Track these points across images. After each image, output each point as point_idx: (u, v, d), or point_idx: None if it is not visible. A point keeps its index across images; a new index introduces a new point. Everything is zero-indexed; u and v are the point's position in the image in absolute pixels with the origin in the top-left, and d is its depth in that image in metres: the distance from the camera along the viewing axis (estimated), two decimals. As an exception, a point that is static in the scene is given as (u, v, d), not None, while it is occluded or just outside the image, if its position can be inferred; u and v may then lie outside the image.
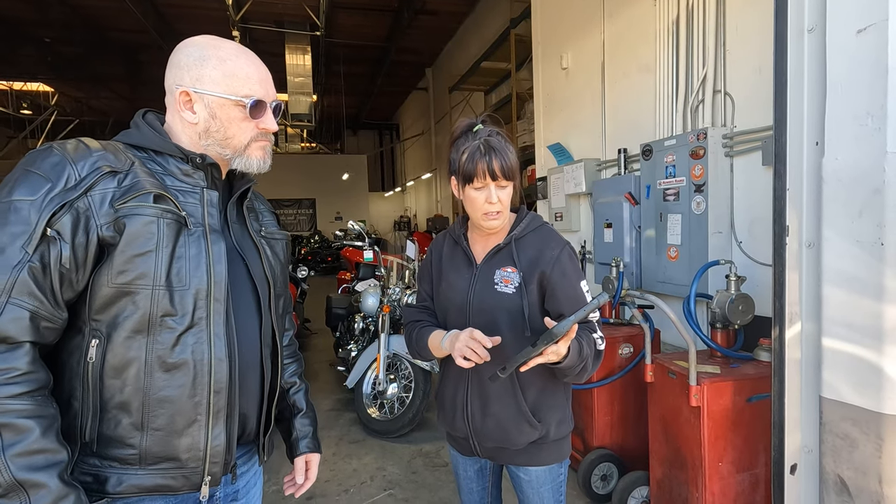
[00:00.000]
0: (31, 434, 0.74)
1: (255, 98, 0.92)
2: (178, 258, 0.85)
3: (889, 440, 1.27)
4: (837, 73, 1.34)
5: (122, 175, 0.83)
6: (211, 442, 0.87)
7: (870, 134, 1.27)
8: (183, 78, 0.91)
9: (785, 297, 1.50)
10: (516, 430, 1.26)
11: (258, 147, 0.96)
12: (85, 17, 9.11)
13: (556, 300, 1.24)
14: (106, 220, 0.80)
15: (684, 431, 1.96)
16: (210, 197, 0.92)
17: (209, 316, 0.86)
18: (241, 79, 0.91)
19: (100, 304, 0.82)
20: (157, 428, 0.84)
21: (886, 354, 1.27)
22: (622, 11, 3.28)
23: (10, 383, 0.74)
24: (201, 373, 0.86)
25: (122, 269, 0.81)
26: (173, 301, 0.83)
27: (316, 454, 1.17)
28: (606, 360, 2.57)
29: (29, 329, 0.76)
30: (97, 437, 0.83)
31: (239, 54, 0.93)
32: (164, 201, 0.85)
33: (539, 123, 4.46)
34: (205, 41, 0.93)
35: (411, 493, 2.64)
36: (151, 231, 0.82)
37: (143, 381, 0.83)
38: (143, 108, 0.99)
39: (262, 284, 1.00)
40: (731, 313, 2.05)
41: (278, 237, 1.10)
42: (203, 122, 0.92)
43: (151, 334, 0.83)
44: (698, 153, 2.54)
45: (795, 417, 1.52)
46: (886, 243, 1.25)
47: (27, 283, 0.76)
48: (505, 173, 1.20)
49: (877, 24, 1.24)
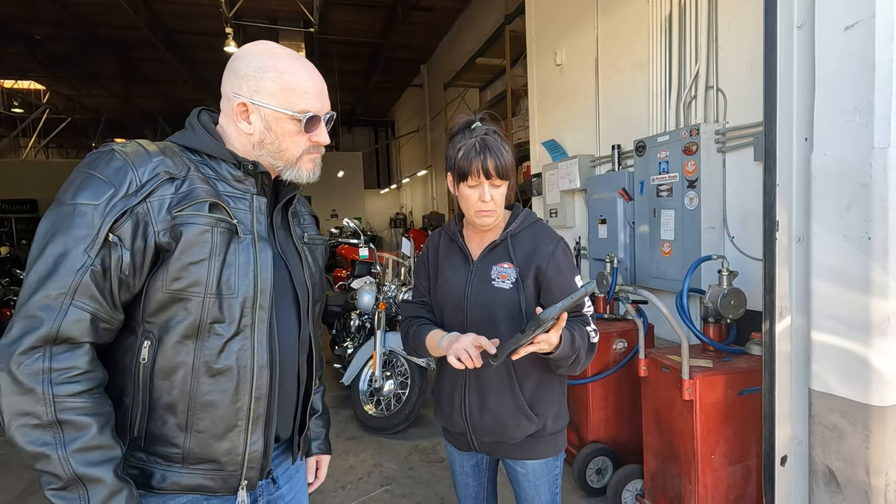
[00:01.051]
0: (90, 430, 0.77)
1: (311, 113, 0.93)
2: (229, 266, 0.87)
3: (876, 431, 1.30)
4: (826, 69, 1.36)
5: (180, 181, 0.85)
6: (249, 447, 0.90)
7: (857, 129, 1.29)
8: (241, 88, 0.91)
9: (775, 292, 1.52)
10: (514, 424, 1.27)
11: (309, 160, 0.98)
12: (76, 13, 9.02)
13: (551, 295, 1.25)
14: (163, 226, 0.82)
15: (677, 425, 1.98)
16: (259, 203, 0.93)
17: (254, 324, 0.88)
18: (299, 93, 0.92)
19: (154, 308, 0.85)
20: (200, 430, 0.87)
21: (873, 347, 1.29)
22: (615, 7, 3.29)
23: (71, 382, 0.77)
24: (244, 379, 0.88)
25: (177, 275, 0.83)
26: (222, 308, 0.86)
27: (327, 455, 1.21)
28: (601, 355, 2.59)
29: (89, 330, 0.79)
30: (145, 434, 0.86)
31: (297, 67, 0.93)
32: (218, 210, 0.87)
33: (534, 120, 4.47)
34: (264, 50, 0.93)
35: (408, 489, 2.66)
36: (206, 240, 0.84)
37: (189, 384, 0.85)
38: (199, 107, 1.00)
39: (302, 291, 1.02)
40: (724, 308, 2.07)
41: (318, 242, 1.12)
42: (258, 133, 0.93)
43: (200, 340, 0.85)
44: (691, 149, 2.56)
45: (786, 410, 1.55)
46: (873, 237, 1.27)
47: (89, 287, 0.78)
48: (499, 172, 1.21)
49: (864, 21, 1.25)
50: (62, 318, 0.76)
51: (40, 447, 0.75)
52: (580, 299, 1.01)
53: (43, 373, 0.76)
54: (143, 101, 14.20)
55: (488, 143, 1.21)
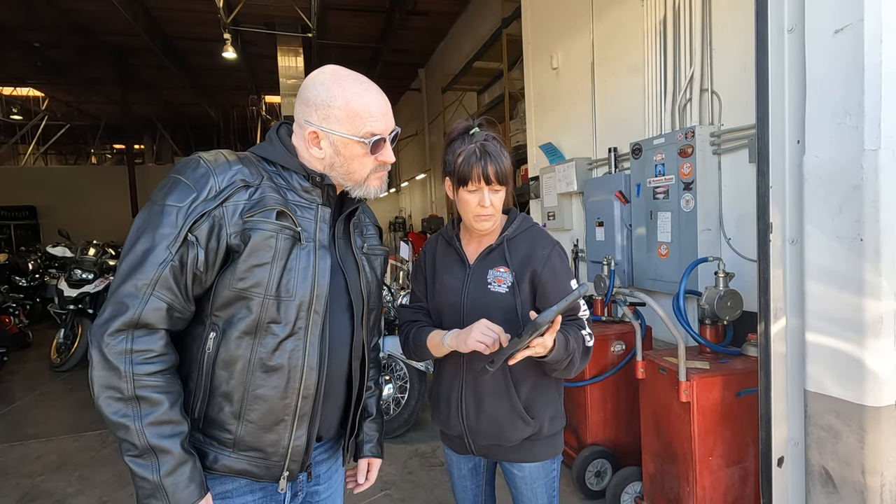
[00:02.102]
0: (162, 406, 0.86)
1: (377, 137, 0.99)
2: (289, 270, 0.92)
3: (871, 431, 1.30)
4: (816, 72, 1.37)
5: (254, 189, 0.92)
6: (293, 441, 0.96)
7: (848, 132, 1.30)
8: (311, 116, 0.98)
9: (770, 293, 1.53)
10: (510, 427, 1.28)
11: (376, 178, 1.04)
12: (75, 20, 9.06)
13: (546, 298, 1.26)
14: (235, 229, 0.90)
15: (675, 426, 1.98)
16: (323, 213, 1.00)
17: (308, 326, 0.94)
18: (364, 118, 0.97)
19: (220, 303, 0.92)
20: (251, 420, 0.93)
21: (867, 347, 1.30)
22: (610, 11, 3.31)
23: (148, 363, 0.86)
24: (294, 378, 0.94)
25: (242, 276, 0.90)
26: (279, 310, 0.92)
27: (378, 459, 1.25)
28: (599, 357, 2.60)
29: (165, 318, 0.87)
30: (203, 417, 0.94)
31: (362, 92, 0.98)
32: (284, 218, 0.93)
33: (531, 123, 4.49)
34: (332, 77, 0.98)
35: (407, 493, 2.66)
36: (270, 245, 0.91)
37: (245, 377, 0.92)
38: (279, 122, 1.07)
39: (357, 299, 1.06)
40: (720, 309, 2.08)
41: (378, 252, 1.16)
42: (329, 157, 1.00)
43: (258, 337, 0.92)
44: (686, 151, 2.57)
45: (782, 411, 1.55)
46: (865, 239, 1.28)
47: (168, 280, 0.86)
48: (499, 178, 1.22)
49: (853, 25, 1.27)
50: (144, 305, 0.85)
51: (121, 418, 0.84)
52: (574, 301, 1.03)
53: (126, 353, 0.84)
54: (142, 107, 14.22)
55: (488, 148, 1.23)
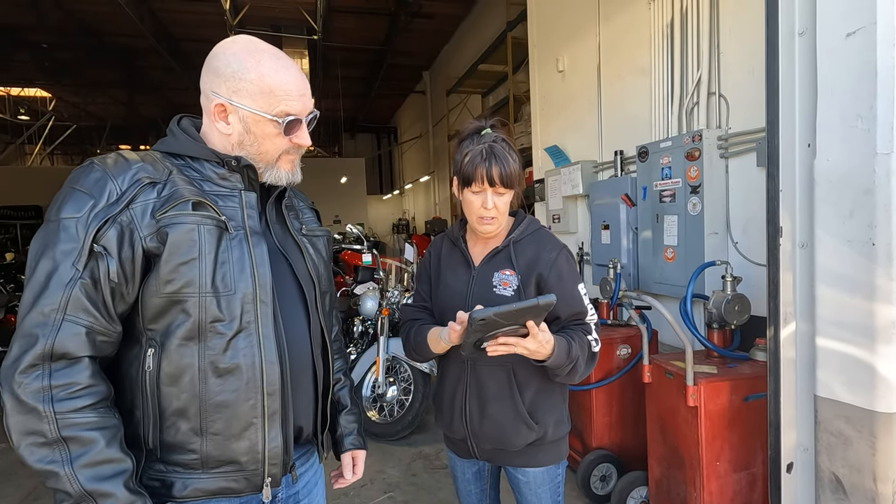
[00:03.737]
0: (96, 445, 0.77)
1: (292, 117, 0.92)
2: (222, 263, 0.86)
3: (882, 438, 1.29)
4: (828, 75, 1.36)
5: (161, 185, 0.85)
6: (268, 444, 0.89)
7: (860, 135, 1.29)
8: (220, 87, 0.90)
9: (779, 298, 1.52)
10: (514, 432, 1.27)
11: (287, 160, 0.97)
12: (82, 22, 9.12)
13: None
14: (149, 231, 0.82)
15: (682, 431, 1.97)
16: (248, 199, 0.93)
17: (257, 319, 0.88)
18: (279, 95, 0.90)
19: (152, 314, 0.84)
20: (216, 432, 0.86)
21: (878, 353, 1.28)
22: (617, 14, 3.31)
23: (73, 397, 0.77)
24: (254, 376, 0.87)
25: (169, 278, 0.83)
26: (220, 306, 0.85)
27: (362, 451, 1.18)
28: (604, 361, 2.59)
29: (86, 344, 0.79)
30: (160, 444, 0.86)
31: (278, 68, 0.91)
32: (203, 208, 0.86)
33: (536, 126, 4.48)
34: (244, 48, 0.91)
35: (411, 496, 2.65)
36: (193, 238, 0.84)
37: (198, 387, 0.85)
38: (179, 115, 0.99)
39: (307, 283, 1.00)
40: (728, 313, 2.07)
41: (319, 234, 1.10)
42: (237, 134, 0.93)
43: (202, 340, 0.84)
44: (693, 155, 2.56)
45: (791, 416, 1.54)
46: (877, 243, 1.27)
47: (80, 300, 0.78)
48: (503, 181, 1.21)
49: (865, 28, 1.26)
50: (56, 333, 0.76)
51: (48, 465, 0.75)
52: (528, 308, 1.00)
53: (43, 391, 0.75)
54: (148, 109, 14.30)
55: (495, 150, 1.21)
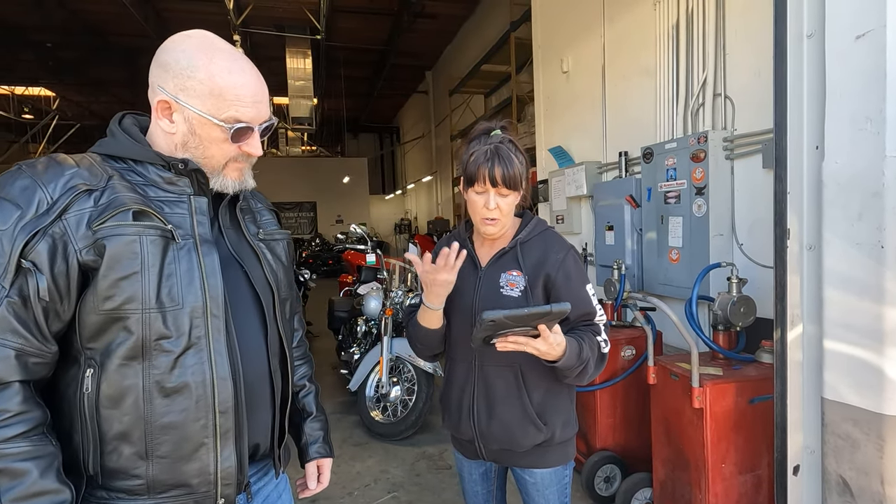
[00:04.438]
0: (30, 476, 0.72)
1: (241, 124, 0.85)
2: (169, 276, 0.80)
3: (890, 441, 1.29)
4: (836, 78, 1.36)
5: (99, 192, 0.78)
6: (221, 464, 0.84)
7: (868, 138, 1.29)
8: (167, 83, 0.83)
9: (786, 300, 1.52)
10: (522, 433, 1.27)
11: (235, 168, 0.90)
12: (86, 21, 9.15)
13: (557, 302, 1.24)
14: (84, 243, 0.76)
15: (687, 433, 1.97)
16: (198, 204, 0.86)
17: (208, 334, 0.82)
18: (229, 100, 0.83)
19: (90, 333, 0.79)
20: (163, 455, 0.81)
21: (887, 356, 1.28)
22: (622, 15, 3.30)
23: (3, 426, 0.72)
24: (204, 394, 0.82)
25: (108, 294, 0.77)
26: (167, 322, 0.79)
27: (327, 459, 1.14)
28: (609, 362, 2.57)
29: (16, 368, 0.73)
30: (101, 470, 0.80)
31: (232, 70, 0.83)
32: (145, 216, 0.79)
33: (540, 126, 4.48)
34: (198, 46, 0.83)
35: (415, 496, 2.65)
36: (134, 251, 0.77)
37: (142, 408, 0.79)
38: (122, 112, 0.92)
39: (264, 291, 0.94)
40: (733, 315, 2.06)
41: (278, 237, 1.04)
42: (181, 135, 0.86)
43: (147, 359, 0.79)
44: (699, 156, 2.56)
45: (797, 418, 1.54)
46: (886, 246, 1.26)
47: (7, 321, 0.73)
48: (506, 182, 1.20)
49: (875, 30, 1.26)
50: None
51: None
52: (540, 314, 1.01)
53: None
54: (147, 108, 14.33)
55: (500, 151, 1.21)
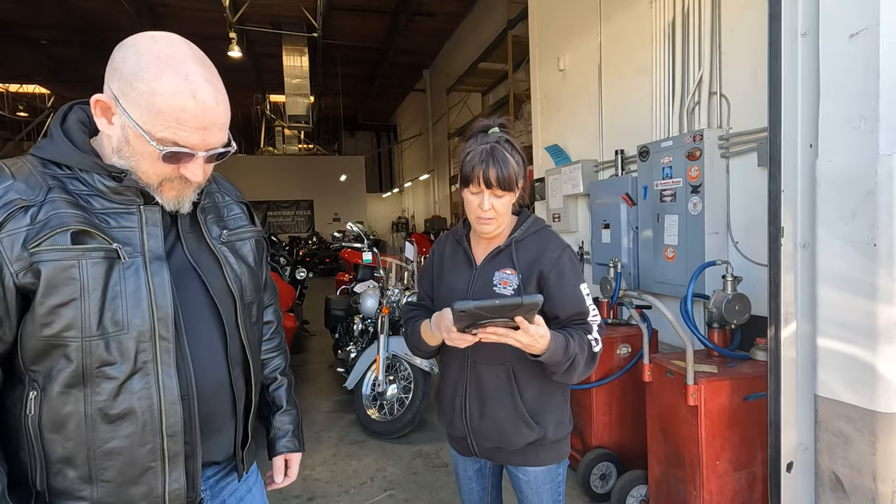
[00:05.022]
0: None
1: (176, 149, 0.76)
2: (113, 298, 0.75)
3: (882, 437, 1.29)
4: (830, 76, 1.36)
5: (36, 208, 0.73)
6: (169, 486, 0.82)
7: (862, 136, 1.29)
8: (112, 82, 0.76)
9: (780, 298, 1.53)
10: (513, 431, 1.27)
11: (172, 189, 0.82)
12: (81, 18, 9.10)
13: (551, 302, 1.23)
14: (20, 266, 0.71)
15: (682, 430, 1.97)
16: (150, 215, 0.81)
17: (156, 358, 0.79)
18: (169, 120, 0.74)
19: (32, 356, 0.76)
20: (108, 480, 0.78)
21: (880, 353, 1.29)
22: (619, 13, 3.31)
23: None
24: (151, 420, 0.79)
25: (46, 321, 0.73)
26: (110, 348, 0.76)
27: (296, 453, 1.11)
28: (604, 360, 2.59)
29: None
30: (48, 488, 0.79)
31: (178, 93, 0.74)
32: (87, 237, 0.74)
33: (536, 125, 4.48)
34: (155, 53, 0.75)
35: (411, 494, 2.65)
36: (72, 276, 0.73)
37: (85, 434, 0.76)
38: (71, 103, 0.85)
39: (224, 300, 0.90)
40: (728, 313, 2.07)
41: (245, 236, 0.98)
42: (116, 140, 0.79)
43: (88, 386, 0.76)
44: (694, 154, 2.56)
45: (791, 416, 1.54)
46: (879, 244, 1.27)
47: None
48: (501, 183, 1.19)
49: (868, 29, 1.26)
50: None
51: None
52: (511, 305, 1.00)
53: None
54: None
55: (496, 152, 1.21)
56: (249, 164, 17.36)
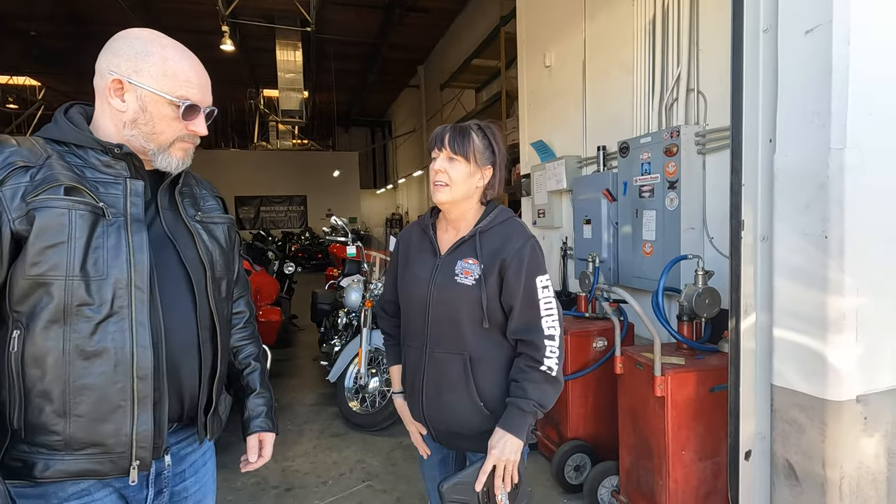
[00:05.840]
0: None
1: (190, 102, 0.95)
2: (95, 248, 0.86)
3: (832, 425, 1.33)
4: (788, 71, 1.39)
5: (35, 169, 0.86)
6: (137, 427, 0.89)
7: (815, 131, 1.32)
8: (120, 66, 0.92)
9: (741, 290, 1.56)
10: (467, 418, 1.28)
11: (181, 147, 0.99)
12: (71, 9, 9.03)
13: (508, 292, 1.23)
14: (18, 213, 0.83)
15: (650, 421, 2.01)
16: (134, 187, 0.93)
17: (131, 304, 0.88)
18: (181, 81, 0.94)
19: (18, 296, 0.85)
20: (80, 414, 0.86)
21: (830, 343, 1.32)
22: (603, 10, 3.33)
23: None
24: (123, 360, 0.87)
25: (35, 260, 0.83)
26: (90, 290, 0.85)
27: (270, 433, 1.19)
28: (581, 353, 2.63)
29: None
30: (24, 425, 0.86)
31: (184, 57, 0.96)
32: (77, 193, 0.86)
33: (523, 121, 4.50)
34: (151, 36, 0.95)
35: (389, 485, 2.68)
36: (62, 223, 0.84)
37: (62, 369, 0.85)
38: (70, 102, 1.01)
39: (195, 269, 1.01)
40: (698, 307, 2.10)
41: (218, 221, 1.11)
42: (132, 112, 0.93)
43: (68, 324, 0.85)
44: (672, 150, 2.59)
45: (750, 405, 1.58)
46: (830, 236, 1.30)
47: None
48: (454, 146, 1.23)
49: (822, 25, 1.29)
50: None
51: None
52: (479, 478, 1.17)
53: None
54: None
55: (459, 125, 1.27)
56: (242, 159, 17.30)
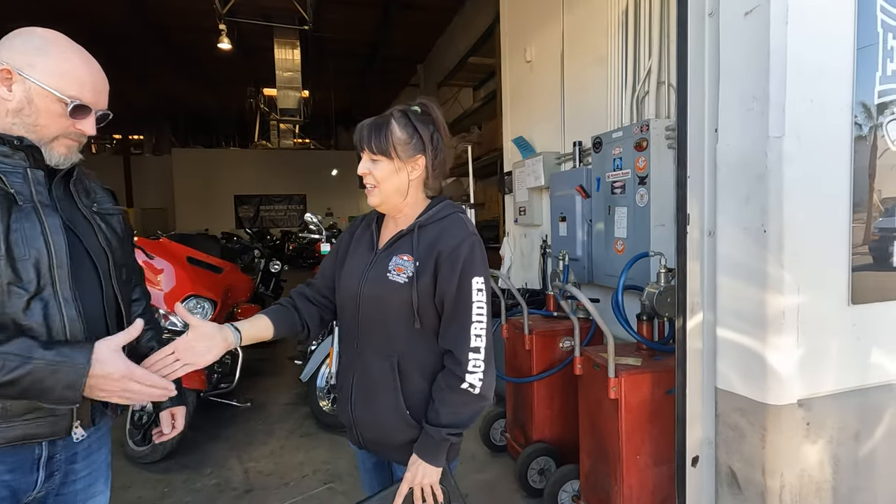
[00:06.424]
0: None
1: (80, 102, 0.98)
2: (14, 231, 0.91)
3: (771, 430, 1.25)
4: (728, 56, 1.32)
5: None
6: None
7: (755, 118, 1.24)
8: (14, 58, 0.95)
9: (686, 288, 1.48)
10: (392, 426, 1.21)
11: (64, 143, 1.01)
12: (69, 9, 9.07)
13: (440, 292, 1.17)
14: None
15: (606, 424, 1.93)
16: (35, 175, 0.97)
17: (55, 282, 0.94)
18: (74, 81, 0.97)
19: None
20: None
21: (769, 343, 1.24)
22: (580, 3, 3.25)
23: None
24: (55, 329, 0.93)
25: None
26: (17, 271, 0.91)
27: (181, 407, 1.28)
28: (547, 353, 2.55)
29: None
30: None
31: (84, 61, 1.00)
32: None
33: (506, 117, 4.43)
34: (53, 38, 0.98)
35: (350, 486, 2.62)
36: None
37: None
38: None
39: (99, 256, 1.05)
40: (660, 305, 2.02)
41: (113, 212, 1.15)
42: (17, 102, 0.96)
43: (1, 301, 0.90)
44: (642, 145, 2.51)
45: (697, 409, 1.50)
46: (769, 230, 1.22)
47: None
48: (371, 146, 1.18)
49: (760, 6, 1.21)
50: None
51: None
52: None
53: None
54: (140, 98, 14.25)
55: (381, 118, 1.19)
56: (242, 158, 17.34)
